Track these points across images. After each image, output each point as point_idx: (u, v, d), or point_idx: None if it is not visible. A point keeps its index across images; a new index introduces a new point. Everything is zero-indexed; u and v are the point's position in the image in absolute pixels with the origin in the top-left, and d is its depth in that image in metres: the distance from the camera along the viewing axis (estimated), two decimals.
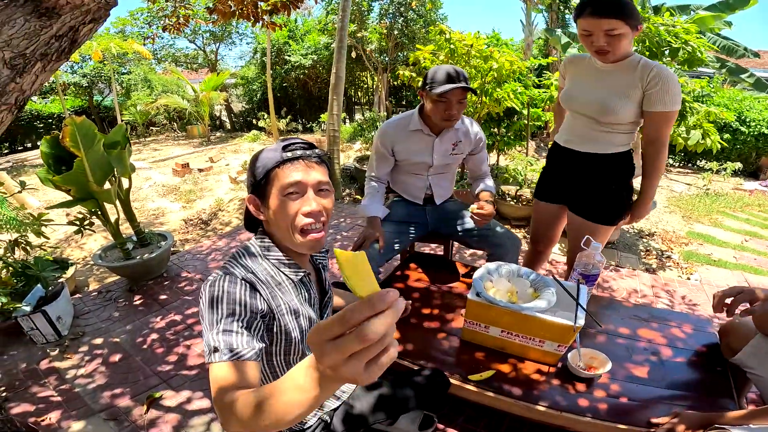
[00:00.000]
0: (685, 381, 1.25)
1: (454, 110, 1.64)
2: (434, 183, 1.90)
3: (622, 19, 1.36)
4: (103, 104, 11.46)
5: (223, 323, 0.78)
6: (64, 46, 0.97)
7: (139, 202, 4.88)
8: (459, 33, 3.45)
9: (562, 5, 9.57)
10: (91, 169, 2.35)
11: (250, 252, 0.93)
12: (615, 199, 1.67)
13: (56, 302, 2.28)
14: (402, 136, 1.80)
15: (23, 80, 0.90)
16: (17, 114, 0.95)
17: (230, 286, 0.82)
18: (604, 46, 1.42)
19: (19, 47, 0.88)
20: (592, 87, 1.59)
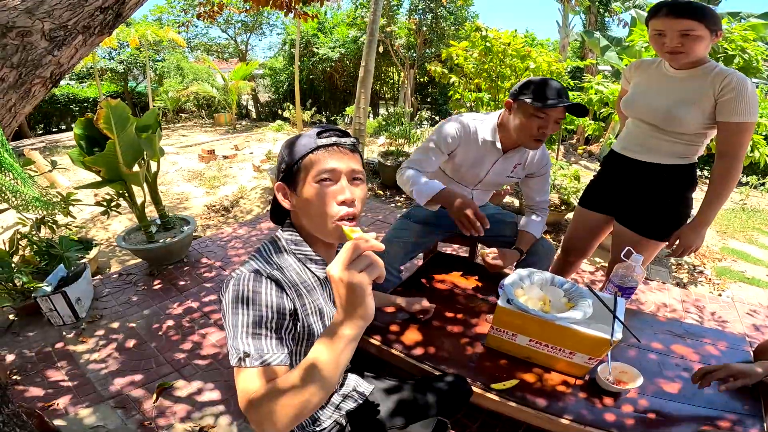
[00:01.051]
0: (715, 399, 1.19)
1: (548, 130, 1.45)
2: (476, 196, 1.78)
3: (700, 20, 1.30)
4: (137, 90, 11.79)
5: (252, 326, 0.74)
6: (108, 20, 0.94)
7: (164, 185, 4.97)
8: (495, 30, 3.36)
9: (601, 8, 9.32)
10: (122, 152, 2.38)
11: (276, 246, 0.89)
12: (670, 213, 1.57)
13: (77, 284, 2.30)
14: (469, 141, 1.60)
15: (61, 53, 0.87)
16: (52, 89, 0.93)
17: (256, 285, 0.77)
18: (678, 46, 1.35)
19: (61, 18, 0.85)
20: (659, 93, 1.50)
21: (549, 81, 1.44)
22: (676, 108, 1.43)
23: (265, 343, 0.74)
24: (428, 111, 9.40)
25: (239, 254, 3.04)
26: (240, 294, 0.76)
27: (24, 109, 0.85)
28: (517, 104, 1.47)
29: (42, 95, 0.89)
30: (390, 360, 1.31)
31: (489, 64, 3.44)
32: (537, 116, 1.43)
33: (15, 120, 0.84)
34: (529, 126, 1.45)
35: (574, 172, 3.59)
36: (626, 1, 8.27)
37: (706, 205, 1.48)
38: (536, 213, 1.75)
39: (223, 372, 1.91)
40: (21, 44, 0.80)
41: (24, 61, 0.81)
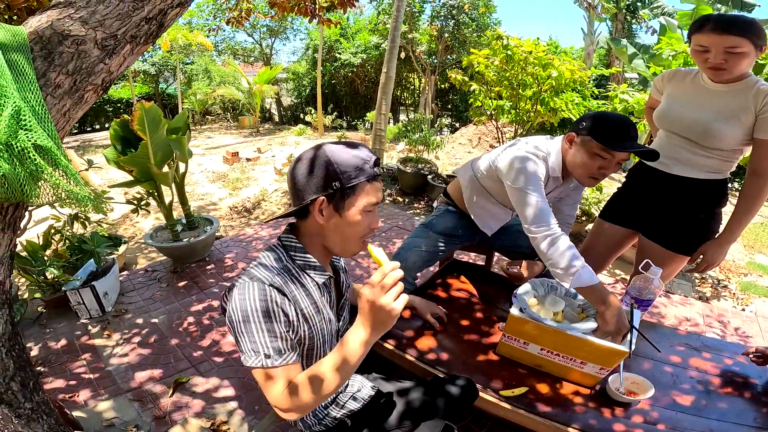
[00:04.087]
0: (730, 412, 1.17)
1: (609, 171, 1.37)
2: (514, 218, 1.77)
3: (747, 36, 1.26)
4: (167, 92, 12.20)
5: (267, 330, 0.81)
6: (152, 30, 1.01)
7: (190, 186, 5.13)
8: (517, 38, 3.36)
9: (628, 15, 9.16)
10: (154, 153, 2.49)
11: (276, 254, 0.93)
12: (700, 228, 1.53)
13: (105, 278, 2.39)
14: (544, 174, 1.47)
15: (112, 62, 0.93)
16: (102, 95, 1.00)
17: (261, 293, 0.82)
18: (721, 63, 1.31)
19: (111, 27, 0.91)
20: (695, 107, 1.46)
21: (621, 119, 1.35)
22: (715, 123, 1.39)
23: (281, 344, 0.82)
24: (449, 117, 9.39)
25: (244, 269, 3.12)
26: (248, 302, 0.81)
27: (77, 114, 0.93)
28: (580, 139, 1.38)
29: (92, 101, 0.95)
30: (401, 364, 1.34)
31: (510, 72, 3.44)
32: (601, 156, 1.34)
33: (68, 124, 0.91)
34: (591, 165, 1.37)
35: None
36: (655, 8, 8.10)
37: (735, 222, 1.45)
38: (562, 227, 1.66)
39: (238, 369, 1.97)
40: (76, 52, 0.87)
41: (78, 68, 0.88)
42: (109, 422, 1.68)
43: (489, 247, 1.97)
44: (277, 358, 0.81)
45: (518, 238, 1.77)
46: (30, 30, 0.84)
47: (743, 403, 1.21)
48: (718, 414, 1.16)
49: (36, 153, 0.67)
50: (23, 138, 0.66)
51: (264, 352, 0.80)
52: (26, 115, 0.67)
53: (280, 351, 0.82)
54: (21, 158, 0.66)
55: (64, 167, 0.73)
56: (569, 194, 1.68)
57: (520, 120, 3.66)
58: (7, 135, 0.64)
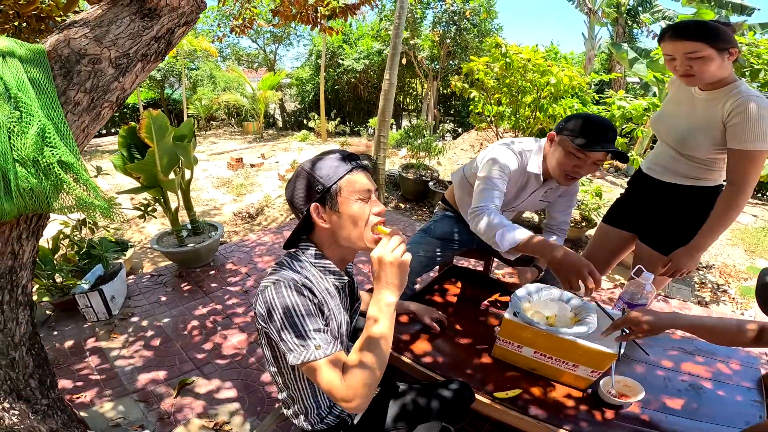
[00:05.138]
0: (721, 415, 1.20)
1: (584, 171, 1.43)
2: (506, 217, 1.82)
3: (704, 41, 1.28)
4: (172, 97, 12.33)
5: (309, 322, 0.86)
6: (161, 48, 1.07)
7: (195, 192, 5.20)
8: (516, 46, 3.41)
9: (629, 19, 9.18)
10: (160, 159, 2.55)
11: (298, 260, 0.98)
12: (692, 233, 1.53)
13: (113, 282, 2.46)
14: (520, 171, 1.57)
15: (125, 80, 0.99)
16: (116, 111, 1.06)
17: (297, 292, 0.88)
18: (688, 69, 1.34)
19: (124, 47, 0.97)
20: (679, 114, 1.50)
21: (595, 120, 1.39)
22: (690, 130, 1.44)
23: (326, 335, 0.88)
24: (451, 123, 9.43)
25: (264, 260, 3.18)
26: (288, 300, 0.87)
27: (94, 130, 0.99)
28: (559, 138, 1.44)
29: (108, 117, 1.02)
30: (399, 366, 1.38)
31: (510, 79, 3.49)
32: (576, 155, 1.40)
33: (87, 140, 0.97)
34: (564, 163, 1.43)
35: (596, 189, 3.58)
36: (655, 13, 8.12)
37: (707, 230, 1.46)
38: (555, 233, 1.76)
39: (241, 372, 2.02)
40: (92, 71, 0.93)
41: (95, 86, 0.93)
42: (115, 422, 1.73)
43: (487, 253, 2.02)
44: (327, 348, 0.85)
45: None
46: (49, 49, 0.90)
47: (735, 407, 1.23)
48: (709, 417, 1.18)
49: (60, 168, 0.73)
50: (48, 154, 0.72)
51: (314, 344, 0.84)
52: (50, 132, 0.73)
53: (327, 341, 0.86)
54: (46, 173, 0.71)
55: (85, 181, 0.79)
56: (558, 200, 1.72)
57: (520, 126, 3.70)
58: (34, 152, 0.69)
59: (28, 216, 0.90)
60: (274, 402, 1.83)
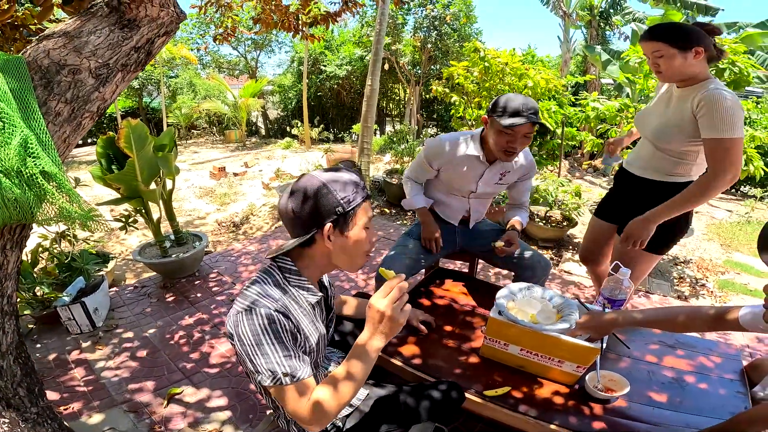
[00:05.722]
0: (705, 407, 1.23)
1: (517, 144, 1.58)
2: (473, 207, 1.90)
3: (665, 41, 1.42)
4: (151, 106, 12.12)
5: (280, 349, 0.88)
6: (141, 58, 1.07)
7: (177, 202, 5.12)
8: (494, 50, 3.48)
9: (602, 22, 9.43)
10: (141, 170, 2.51)
11: (273, 277, 0.98)
12: (665, 227, 1.59)
13: (95, 294, 2.40)
14: (455, 157, 1.74)
15: (105, 90, 0.99)
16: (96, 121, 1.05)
17: (269, 319, 0.88)
18: (656, 67, 1.50)
19: (103, 57, 0.96)
20: (659, 110, 1.61)
21: (515, 98, 1.55)
22: (665, 124, 1.54)
23: (297, 362, 0.89)
24: (434, 127, 9.52)
25: (250, 270, 3.15)
26: (258, 328, 0.87)
27: (75, 140, 0.98)
28: (490, 120, 1.62)
29: (89, 127, 1.01)
30: (390, 369, 1.39)
31: (489, 83, 3.56)
32: (506, 132, 1.56)
33: (68, 150, 0.96)
34: (499, 141, 1.59)
35: (576, 189, 3.66)
36: (626, 15, 8.37)
37: (668, 205, 1.51)
38: (518, 210, 1.94)
39: (231, 380, 2.00)
40: (72, 81, 0.92)
41: (76, 96, 0.93)
42: None
43: (471, 254, 2.05)
44: (295, 374, 0.87)
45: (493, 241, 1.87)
46: (29, 59, 0.89)
47: (719, 398, 1.26)
48: (694, 409, 1.21)
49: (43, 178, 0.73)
50: (31, 165, 0.71)
51: (282, 371, 0.86)
52: (33, 143, 0.73)
53: (296, 368, 0.88)
54: (30, 183, 0.71)
55: (68, 191, 0.79)
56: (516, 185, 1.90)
57: None
58: (17, 162, 0.68)
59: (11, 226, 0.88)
60: (266, 409, 1.81)
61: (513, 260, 1.81)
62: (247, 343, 0.87)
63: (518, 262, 1.79)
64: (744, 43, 6.07)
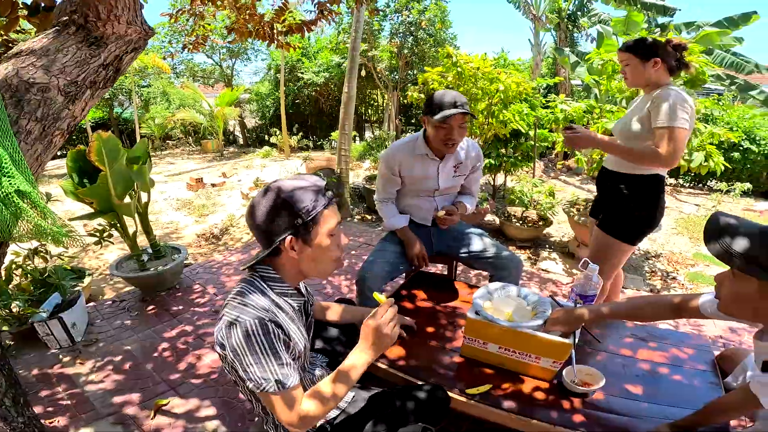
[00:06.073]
0: (680, 398, 1.27)
1: (454, 135, 1.70)
2: (441, 204, 1.97)
3: (628, 52, 1.75)
4: (123, 116, 11.80)
5: (273, 359, 0.92)
6: (110, 75, 1.07)
7: (153, 215, 5.03)
8: (466, 55, 3.56)
9: (570, 24, 9.69)
10: (114, 183, 2.47)
11: (256, 287, 0.99)
12: (634, 217, 1.82)
13: (72, 310, 2.36)
14: (408, 159, 1.85)
15: (75, 107, 0.99)
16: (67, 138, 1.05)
17: (263, 329, 0.91)
18: (624, 73, 1.81)
19: (71, 75, 0.96)
20: (629, 113, 1.85)
21: (445, 94, 1.67)
22: (630, 122, 1.78)
23: (287, 369, 0.93)
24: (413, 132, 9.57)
25: (232, 280, 3.12)
26: (253, 338, 0.90)
27: (47, 158, 0.97)
28: (426, 119, 1.74)
29: (60, 144, 1.00)
30: (375, 372, 1.41)
31: (463, 87, 3.64)
32: (441, 127, 1.69)
33: (40, 168, 0.95)
34: (438, 136, 1.72)
35: (549, 189, 3.77)
36: (592, 17, 8.65)
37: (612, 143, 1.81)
38: (467, 196, 2.06)
39: (218, 389, 1.99)
40: (42, 99, 0.92)
41: (46, 114, 0.92)
42: None
43: (449, 256, 2.10)
44: (287, 382, 0.92)
45: (470, 243, 1.95)
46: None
47: (692, 389, 1.31)
48: (668, 400, 1.26)
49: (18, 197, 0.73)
50: (6, 184, 0.71)
51: (275, 378, 0.91)
52: (6, 162, 0.73)
53: (287, 375, 0.92)
54: (6, 202, 0.71)
55: (42, 208, 0.79)
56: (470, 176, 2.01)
57: (475, 133, 3.85)
58: None
59: None
60: (255, 416, 1.81)
61: (488, 261, 1.86)
62: (241, 353, 0.89)
63: (493, 262, 1.85)
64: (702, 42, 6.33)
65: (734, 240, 0.87)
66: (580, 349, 1.46)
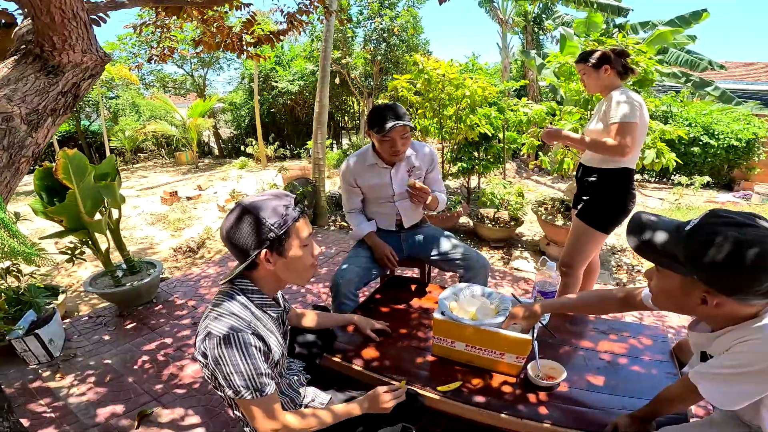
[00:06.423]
0: (639, 389, 1.32)
1: (398, 146, 1.79)
2: (401, 208, 2.05)
3: (581, 63, 2.02)
4: (91, 129, 11.46)
5: (254, 369, 0.97)
6: (69, 101, 1.10)
7: (127, 230, 4.94)
8: (434, 62, 3.66)
9: (536, 27, 9.95)
10: (83, 201, 2.44)
11: (236, 299, 1.05)
12: (604, 206, 2.04)
13: (48, 326, 2.36)
14: (362, 171, 1.95)
15: (38, 135, 1.02)
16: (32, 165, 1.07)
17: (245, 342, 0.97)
18: (583, 82, 2.08)
19: (32, 103, 1.00)
20: (593, 113, 2.09)
21: (383, 109, 1.76)
22: (593, 123, 2.04)
23: (265, 378, 0.98)
24: None
25: (212, 292, 3.12)
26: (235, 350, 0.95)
27: (15, 185, 1.00)
28: (371, 135, 1.83)
29: (26, 171, 1.03)
30: (350, 374, 1.45)
31: (432, 94, 3.73)
32: (384, 140, 1.77)
33: (9, 194, 0.98)
34: (384, 148, 1.82)
35: (518, 189, 3.89)
36: (556, 19, 8.93)
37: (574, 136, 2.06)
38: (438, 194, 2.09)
39: (201, 398, 2.01)
40: (7, 128, 0.94)
41: (12, 143, 0.95)
42: None
43: (419, 260, 2.17)
44: (264, 390, 0.97)
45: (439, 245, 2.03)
46: None
47: (651, 379, 1.36)
48: (628, 391, 1.30)
49: None
50: None
51: (253, 386, 0.96)
52: None
53: (265, 384, 0.98)
54: None
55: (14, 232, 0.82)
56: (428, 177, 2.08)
57: (445, 137, 3.96)
58: None
59: None
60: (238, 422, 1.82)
61: (456, 262, 1.94)
62: (223, 363, 0.94)
63: (460, 263, 1.93)
64: (657, 41, 6.61)
65: (654, 236, 0.90)
66: (545, 344, 1.52)
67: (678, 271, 0.89)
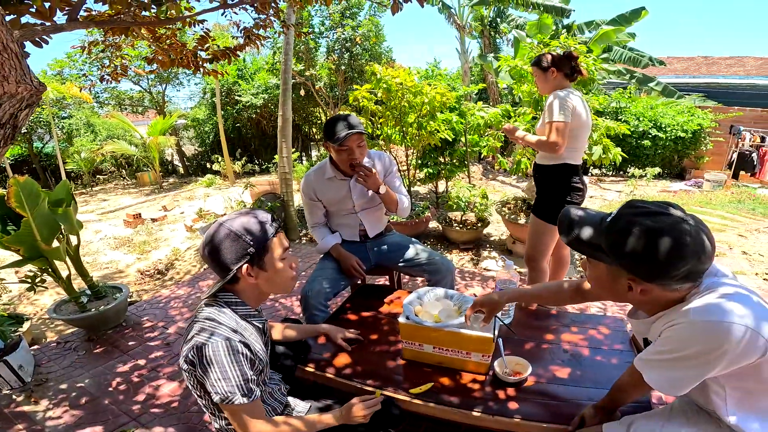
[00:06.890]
0: (602, 379, 1.36)
1: (355, 155, 1.84)
2: (364, 218, 2.09)
3: (533, 66, 2.19)
4: (44, 152, 10.83)
5: (240, 375, 1.02)
6: (8, 133, 1.08)
7: (90, 255, 4.76)
8: (392, 71, 3.73)
9: (492, 31, 10.24)
10: (38, 229, 2.37)
11: (224, 313, 1.10)
12: (551, 199, 2.20)
13: (16, 353, 2.31)
14: (321, 184, 1.99)
15: None
16: None
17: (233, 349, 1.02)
18: (536, 85, 2.28)
19: None
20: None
21: (338, 120, 1.81)
22: (540, 122, 2.19)
23: (251, 385, 1.04)
24: None
25: (182, 313, 3.06)
26: (224, 357, 1.00)
27: None
28: (327, 145, 1.87)
29: None
30: (325, 383, 1.47)
31: (393, 102, 3.81)
32: (341, 150, 1.82)
33: None
34: (341, 158, 1.86)
35: (482, 191, 4.01)
36: (511, 22, 9.21)
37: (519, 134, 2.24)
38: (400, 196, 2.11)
39: (180, 416, 1.99)
40: None
41: None
42: None
43: (388, 268, 2.23)
44: (250, 395, 1.03)
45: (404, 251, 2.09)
46: None
47: (612, 369, 1.39)
48: (592, 382, 1.34)
49: None
50: None
51: (240, 392, 1.01)
52: None
53: (251, 390, 1.03)
54: None
55: None
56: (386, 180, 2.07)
57: (408, 144, 4.04)
58: None
59: None
60: None
61: (422, 267, 2.01)
62: (211, 370, 0.99)
63: (426, 268, 2.00)
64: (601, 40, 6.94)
65: (581, 230, 0.94)
66: (511, 340, 1.57)
67: (603, 260, 0.92)
